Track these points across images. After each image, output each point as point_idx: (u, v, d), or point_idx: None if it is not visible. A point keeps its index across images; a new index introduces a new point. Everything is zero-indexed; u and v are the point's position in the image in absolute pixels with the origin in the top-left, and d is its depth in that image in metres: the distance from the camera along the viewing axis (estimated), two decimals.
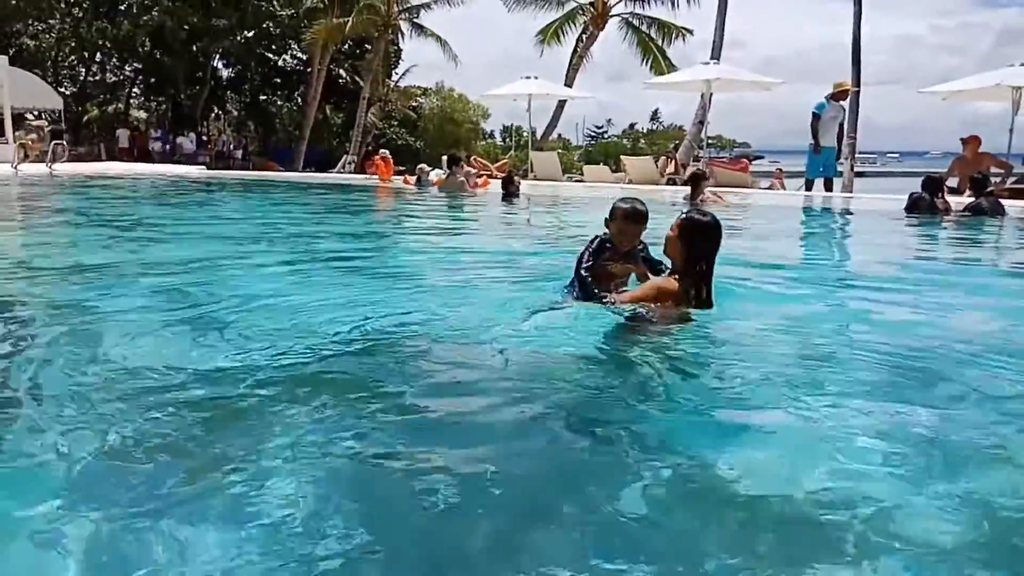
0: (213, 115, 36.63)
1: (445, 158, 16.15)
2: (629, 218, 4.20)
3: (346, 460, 2.25)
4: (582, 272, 4.16)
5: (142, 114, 36.45)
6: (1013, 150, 14.19)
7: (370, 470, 2.24)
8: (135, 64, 32.57)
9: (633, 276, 4.31)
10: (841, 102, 14.86)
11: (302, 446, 2.32)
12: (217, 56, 32.04)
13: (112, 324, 3.81)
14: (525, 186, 14.85)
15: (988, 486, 2.17)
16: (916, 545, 1.85)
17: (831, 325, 4.24)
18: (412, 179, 16.34)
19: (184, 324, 3.81)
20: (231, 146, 32.23)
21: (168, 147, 29.15)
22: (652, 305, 3.84)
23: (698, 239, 3.85)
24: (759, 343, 3.70)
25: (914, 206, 10.26)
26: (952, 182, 13.31)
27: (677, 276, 3.88)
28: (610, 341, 3.65)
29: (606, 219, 4.29)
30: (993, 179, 12.80)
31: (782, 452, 2.39)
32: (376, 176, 17.85)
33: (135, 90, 35.10)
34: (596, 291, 4.05)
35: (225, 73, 35.12)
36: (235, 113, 37.20)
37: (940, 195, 10.50)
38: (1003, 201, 10.76)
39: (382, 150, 18.96)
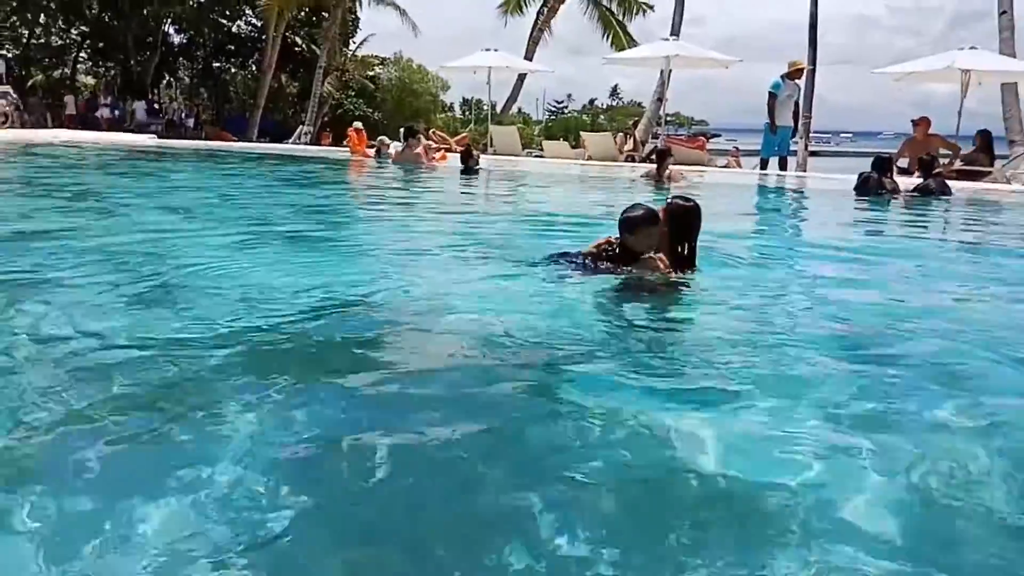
0: (164, 82, 35.59)
1: (402, 130, 15.95)
2: (650, 222, 4.18)
3: (295, 439, 2.25)
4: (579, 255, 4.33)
5: (90, 80, 35.26)
6: (962, 132, 14.52)
7: (319, 448, 2.23)
8: (82, 27, 31.44)
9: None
10: (796, 81, 15.02)
11: (249, 423, 2.30)
12: (168, 21, 31.07)
13: (55, 297, 3.72)
14: (484, 160, 14.78)
15: (932, 468, 2.24)
16: (858, 529, 1.90)
17: (781, 302, 4.33)
18: (371, 152, 16.13)
19: (130, 297, 3.74)
20: (183, 114, 31.36)
21: (118, 114, 28.26)
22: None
23: (682, 224, 4.17)
24: (711, 321, 3.77)
25: (864, 186, 10.47)
26: (902, 162, 13.60)
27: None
28: (575, 310, 3.73)
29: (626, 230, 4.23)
30: (942, 160, 13.12)
31: (727, 434, 2.44)
32: (348, 148, 17.25)
33: (82, 55, 33.90)
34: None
35: (177, 39, 34.08)
36: (187, 80, 36.19)
37: (889, 175, 10.72)
38: (950, 182, 11.04)
39: (356, 123, 18.30)
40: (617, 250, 4.26)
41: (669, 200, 4.34)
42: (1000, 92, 17.33)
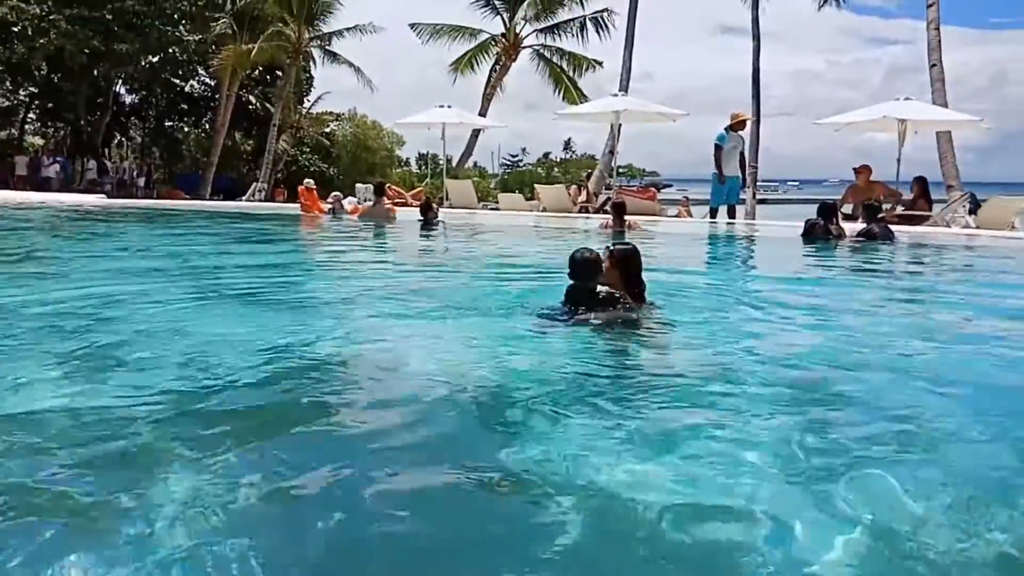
0: (115, 141, 35.29)
1: (371, 187, 15.86)
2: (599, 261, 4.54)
3: (244, 503, 2.19)
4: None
5: (38, 140, 34.78)
6: (902, 178, 15.05)
7: (269, 511, 2.18)
8: (31, 88, 31.12)
9: None
10: (740, 132, 15.46)
11: (198, 487, 2.24)
12: (119, 81, 30.93)
13: None
14: (441, 213, 14.84)
15: (875, 497, 2.28)
16: (806, 556, 1.92)
17: (729, 344, 4.39)
18: (326, 207, 16.05)
19: (72, 360, 3.65)
20: (134, 173, 31.02)
21: (64, 175, 27.82)
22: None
23: (631, 265, 4.63)
24: (664, 361, 3.81)
25: (810, 232, 10.73)
26: (847, 208, 14.02)
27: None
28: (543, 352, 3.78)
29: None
30: (884, 206, 13.55)
31: (682, 464, 2.45)
32: (301, 206, 16.45)
33: (31, 115, 33.49)
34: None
35: (128, 98, 33.93)
36: (139, 139, 35.93)
37: (835, 221, 11.02)
38: (892, 227, 11.40)
39: (307, 180, 17.83)
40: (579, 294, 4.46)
41: (612, 247, 4.72)
42: (936, 139, 18.09)
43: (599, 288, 4.44)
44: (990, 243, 11.66)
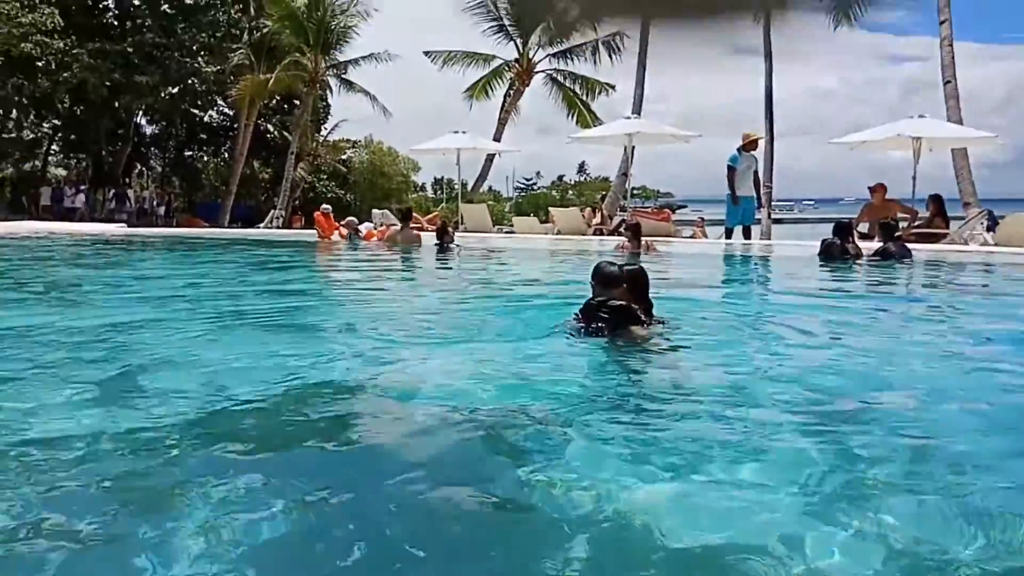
0: (136, 171, 35.82)
1: (387, 212, 16.01)
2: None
3: (262, 528, 2.21)
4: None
5: (61, 171, 35.39)
6: (918, 195, 14.99)
7: (290, 539, 2.20)
8: (54, 121, 31.73)
9: None
10: (752, 152, 15.47)
11: (217, 515, 2.26)
12: (140, 112, 31.47)
13: (20, 392, 3.66)
14: (456, 237, 14.94)
15: (892, 522, 2.26)
16: None
17: (743, 365, 4.39)
18: (345, 232, 16.21)
19: (95, 388, 3.69)
20: (154, 203, 31.47)
21: (87, 205, 28.28)
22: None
23: (641, 284, 4.77)
24: (678, 384, 3.81)
25: (826, 252, 10.70)
26: (863, 227, 13.96)
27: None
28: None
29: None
30: (900, 224, 13.50)
31: (694, 488, 2.45)
32: (318, 232, 16.62)
33: (54, 147, 34.11)
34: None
35: (148, 129, 34.49)
36: (159, 169, 36.46)
37: (851, 240, 10.99)
38: (909, 245, 11.34)
39: (324, 205, 17.80)
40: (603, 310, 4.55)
41: (620, 266, 4.85)
42: (951, 156, 18.02)
43: (613, 301, 4.54)
44: (1010, 260, 11.55)
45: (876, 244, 11.45)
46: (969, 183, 17.83)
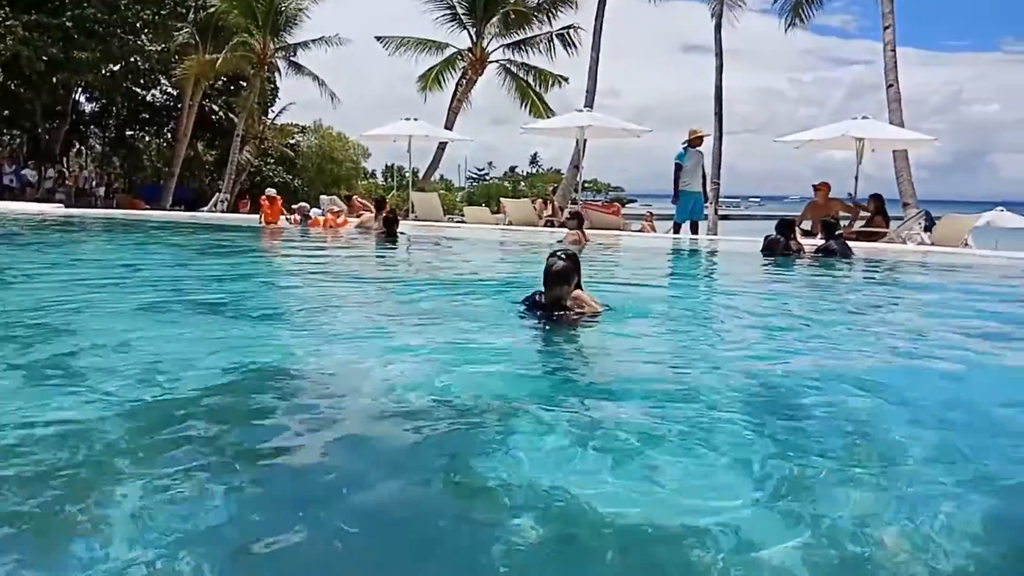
0: (74, 150, 34.67)
1: (335, 198, 15.77)
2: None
3: (198, 514, 2.15)
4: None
5: None
6: (860, 195, 15.35)
7: (221, 522, 2.14)
8: None
9: None
10: (699, 148, 15.68)
11: (151, 500, 2.20)
12: (79, 89, 30.42)
13: None
14: (406, 226, 14.82)
15: (835, 509, 2.31)
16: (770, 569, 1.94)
17: (688, 356, 4.45)
18: (297, 218, 15.94)
19: (29, 372, 3.56)
20: (93, 183, 30.50)
21: (22, 182, 27.24)
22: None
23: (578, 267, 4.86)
24: (621, 373, 3.83)
25: (769, 248, 10.90)
26: (806, 225, 14.27)
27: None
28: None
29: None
30: (843, 223, 13.82)
31: (643, 477, 2.46)
32: (262, 217, 16.25)
33: None
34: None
35: (88, 107, 33.40)
36: (99, 148, 35.35)
37: (793, 237, 11.21)
38: (851, 243, 11.63)
39: (268, 190, 17.26)
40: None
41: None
42: (892, 158, 18.53)
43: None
44: (944, 260, 11.94)
45: (819, 241, 11.71)
46: (909, 184, 18.37)
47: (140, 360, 3.84)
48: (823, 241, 11.42)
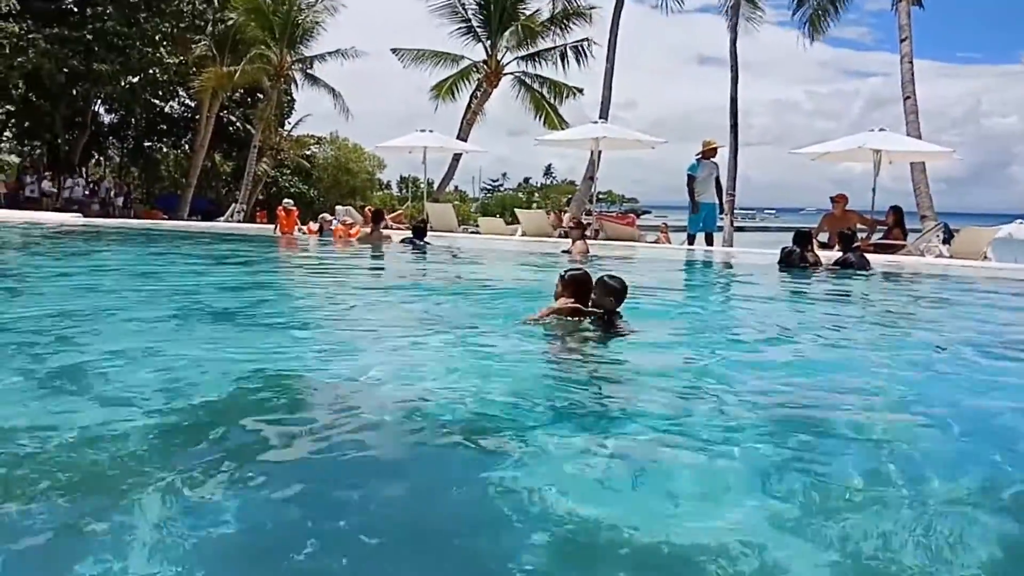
0: (93, 160, 35.03)
1: (350, 208, 15.87)
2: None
3: (217, 523, 2.14)
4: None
5: (14, 159, 34.46)
6: (877, 207, 15.26)
7: (246, 537, 2.13)
8: (7, 106, 30.87)
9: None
10: (712, 159, 15.61)
11: (171, 509, 2.20)
12: (99, 101, 30.75)
13: None
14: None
15: (856, 525, 2.27)
16: None
17: (703, 369, 4.41)
18: (315, 227, 16.00)
19: (48, 381, 3.58)
20: (112, 193, 30.77)
21: (35, 193, 27.42)
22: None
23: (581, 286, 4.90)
24: (637, 385, 3.81)
25: (786, 260, 10.83)
26: (823, 237, 14.17)
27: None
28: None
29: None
30: (859, 235, 13.72)
31: (655, 492, 2.44)
32: (279, 227, 16.17)
33: (7, 133, 33.18)
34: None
35: (107, 118, 33.73)
36: (117, 159, 35.70)
37: (810, 249, 11.13)
38: (868, 256, 11.53)
39: (285, 200, 17.43)
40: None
41: (563, 272, 5.11)
42: (910, 170, 18.41)
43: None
44: (963, 272, 11.82)
45: (835, 253, 11.62)
46: (927, 197, 18.23)
47: (156, 368, 3.86)
48: (840, 253, 11.34)
